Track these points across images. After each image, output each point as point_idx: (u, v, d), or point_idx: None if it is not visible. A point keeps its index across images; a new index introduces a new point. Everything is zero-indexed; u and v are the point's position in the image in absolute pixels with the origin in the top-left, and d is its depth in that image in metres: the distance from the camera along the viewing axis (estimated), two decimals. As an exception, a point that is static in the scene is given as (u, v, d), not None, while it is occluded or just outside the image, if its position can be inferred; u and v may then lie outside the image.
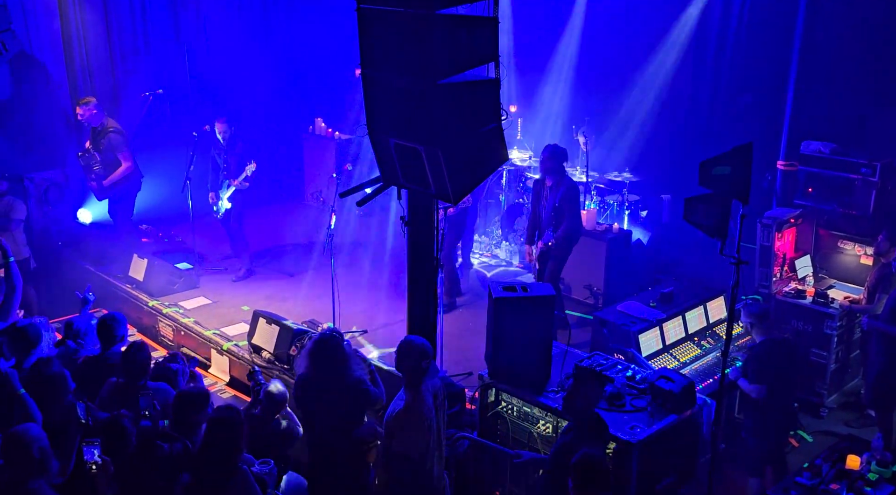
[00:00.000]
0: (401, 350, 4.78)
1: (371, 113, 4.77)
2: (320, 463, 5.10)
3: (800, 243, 7.78)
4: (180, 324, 8.24)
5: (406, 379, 4.77)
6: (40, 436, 4.07)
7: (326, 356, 4.97)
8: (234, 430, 4.20)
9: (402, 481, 4.74)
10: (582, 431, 4.55)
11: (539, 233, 7.80)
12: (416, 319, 5.62)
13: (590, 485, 3.95)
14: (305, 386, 5.05)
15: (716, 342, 6.92)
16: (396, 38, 4.39)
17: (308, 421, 5.18)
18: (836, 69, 8.71)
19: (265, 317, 7.37)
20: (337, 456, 5.05)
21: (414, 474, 4.72)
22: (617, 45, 10.64)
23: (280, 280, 9.46)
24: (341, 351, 5.03)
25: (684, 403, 5.17)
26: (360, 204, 5.74)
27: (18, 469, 3.99)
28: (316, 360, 4.99)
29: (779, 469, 5.95)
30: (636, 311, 6.82)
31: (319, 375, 4.98)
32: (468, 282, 9.27)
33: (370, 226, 10.40)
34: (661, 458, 5.03)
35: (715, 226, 4.83)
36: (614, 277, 8.57)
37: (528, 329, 5.47)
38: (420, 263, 5.50)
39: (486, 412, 5.64)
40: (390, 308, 8.31)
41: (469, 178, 4.65)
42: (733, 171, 4.73)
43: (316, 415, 5.08)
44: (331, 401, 4.98)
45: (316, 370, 4.99)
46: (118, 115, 10.29)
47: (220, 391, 7.58)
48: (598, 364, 5.63)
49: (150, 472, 4.26)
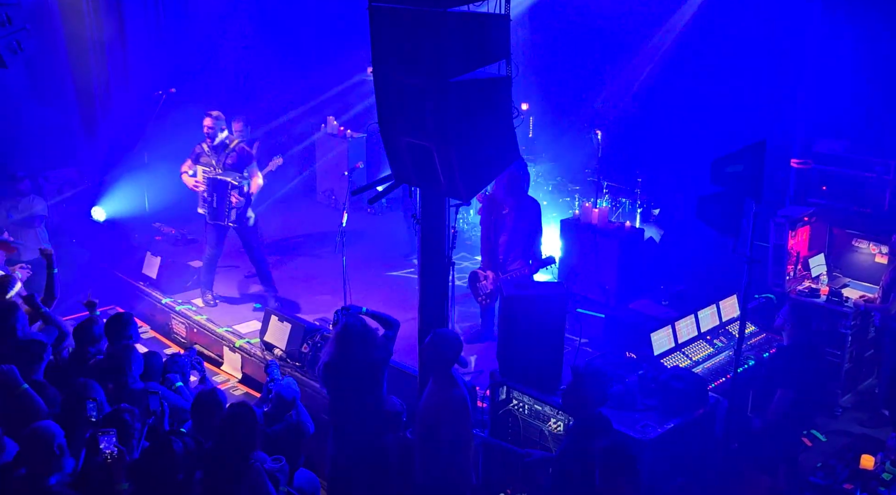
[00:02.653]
0: (435, 341, 4.79)
1: (382, 111, 4.78)
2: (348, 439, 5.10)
3: (813, 242, 7.73)
4: (193, 321, 8.29)
5: (440, 370, 4.79)
6: (59, 433, 4.11)
7: (353, 339, 4.96)
8: (247, 427, 4.23)
9: (446, 471, 4.77)
10: (585, 430, 4.54)
11: (498, 259, 7.38)
12: (427, 317, 5.62)
13: (618, 474, 3.93)
14: (333, 369, 5.01)
15: (728, 341, 6.89)
16: (408, 35, 4.39)
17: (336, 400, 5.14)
18: (850, 66, 8.64)
19: (277, 315, 7.40)
20: (365, 437, 5.05)
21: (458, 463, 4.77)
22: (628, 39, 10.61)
23: (293, 277, 9.49)
24: (368, 332, 5.03)
25: (696, 402, 5.15)
26: (372, 202, 5.75)
27: (39, 465, 4.03)
28: (343, 344, 4.97)
29: (792, 468, 5.92)
30: (648, 310, 6.81)
31: (347, 357, 4.97)
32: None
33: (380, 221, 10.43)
34: (673, 457, 5.02)
35: (727, 224, 4.82)
36: (626, 276, 8.54)
37: (539, 327, 5.47)
38: (432, 261, 5.50)
39: (497, 410, 5.64)
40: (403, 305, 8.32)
41: (481, 176, 4.64)
42: (746, 169, 4.71)
43: (345, 394, 5.05)
44: (359, 381, 4.99)
45: (344, 352, 4.97)
46: (132, 113, 10.38)
47: (233, 388, 7.62)
48: (609, 362, 5.62)
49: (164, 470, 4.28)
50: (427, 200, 5.35)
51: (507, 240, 7.36)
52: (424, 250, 5.50)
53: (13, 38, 6.59)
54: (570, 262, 8.87)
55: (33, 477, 4.03)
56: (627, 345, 6.50)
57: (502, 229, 7.38)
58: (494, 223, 7.43)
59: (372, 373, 4.99)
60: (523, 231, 7.34)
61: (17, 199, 8.62)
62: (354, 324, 5.00)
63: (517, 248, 7.36)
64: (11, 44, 6.59)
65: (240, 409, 4.34)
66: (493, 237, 7.44)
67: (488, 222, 7.49)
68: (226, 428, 4.25)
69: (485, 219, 7.57)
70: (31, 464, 4.06)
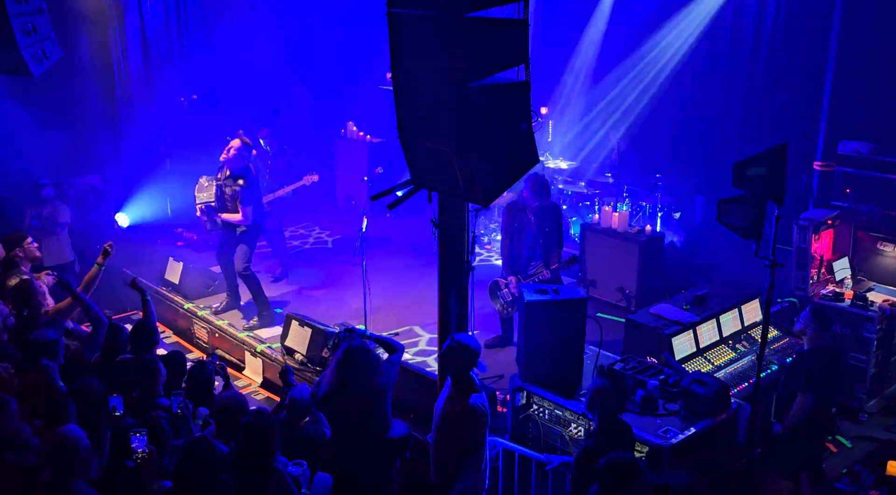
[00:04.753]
0: (453, 346, 4.77)
1: (401, 116, 4.79)
2: (350, 467, 5.06)
3: (837, 245, 7.65)
4: (215, 326, 8.35)
5: (459, 376, 4.78)
6: (83, 436, 4.15)
7: (357, 364, 4.90)
8: (267, 433, 4.24)
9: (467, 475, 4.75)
10: (605, 435, 4.52)
11: (521, 263, 7.43)
12: (447, 322, 5.62)
13: (617, 490, 3.90)
14: (335, 396, 4.93)
15: (751, 345, 6.82)
16: (426, 41, 4.40)
17: (338, 428, 5.05)
18: (874, 67, 8.54)
19: (298, 320, 7.44)
20: (368, 460, 5.02)
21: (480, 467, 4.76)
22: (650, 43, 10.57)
23: (313, 281, 9.54)
24: (370, 357, 4.96)
25: (718, 407, 5.11)
26: (391, 207, 5.76)
27: (64, 469, 4.07)
28: (346, 369, 4.90)
29: (816, 474, 5.85)
30: (669, 314, 6.76)
31: (350, 383, 4.91)
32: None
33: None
34: (695, 463, 4.97)
35: (749, 227, 4.77)
36: (647, 280, 8.49)
37: (559, 332, 5.46)
38: (450, 265, 5.50)
39: (518, 415, 5.63)
40: (422, 309, 8.34)
41: (500, 181, 4.64)
42: (768, 172, 4.67)
43: (348, 422, 4.99)
44: (362, 408, 4.94)
45: (346, 378, 4.91)
46: (154, 120, 10.48)
47: (254, 392, 7.67)
48: (630, 367, 5.59)
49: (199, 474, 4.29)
50: (446, 205, 5.36)
51: (528, 244, 7.37)
52: (443, 255, 5.50)
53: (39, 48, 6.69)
54: (590, 267, 8.84)
55: (59, 480, 4.08)
56: (648, 349, 6.46)
57: (524, 234, 7.39)
58: (516, 228, 7.44)
59: (374, 400, 4.89)
60: (545, 235, 7.35)
61: (41, 206, 8.74)
62: (356, 348, 4.90)
63: (538, 253, 7.38)
64: (37, 53, 6.69)
65: (259, 415, 4.37)
66: (515, 242, 7.45)
67: (509, 227, 7.50)
68: (246, 433, 4.27)
69: (506, 225, 7.57)
70: (57, 468, 4.10)
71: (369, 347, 5.02)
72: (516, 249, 7.46)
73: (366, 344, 5.07)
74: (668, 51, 10.46)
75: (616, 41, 10.87)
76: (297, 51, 11.99)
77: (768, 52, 9.88)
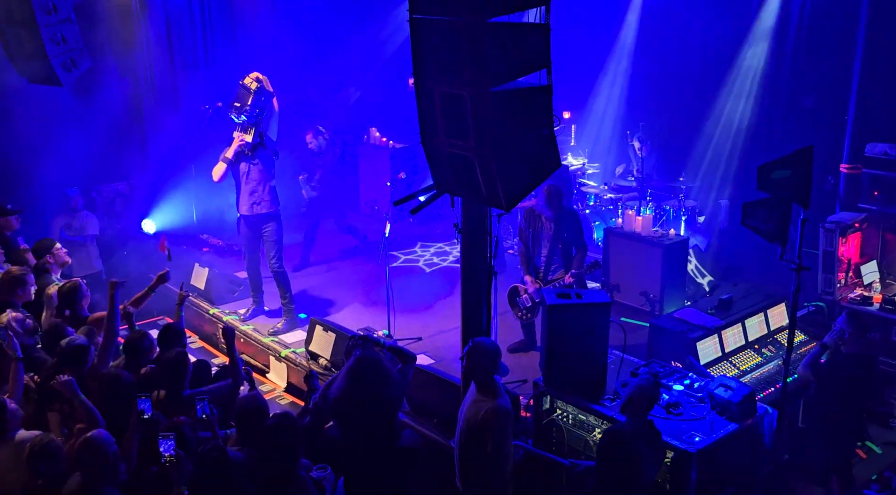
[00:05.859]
0: (476, 351, 4.77)
1: (424, 121, 4.81)
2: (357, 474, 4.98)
3: (865, 248, 7.56)
4: (239, 331, 8.41)
5: (481, 380, 4.78)
6: (112, 441, 4.21)
7: (366, 374, 4.82)
8: (291, 438, 4.26)
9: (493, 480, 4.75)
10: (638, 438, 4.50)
11: (539, 267, 7.45)
12: (470, 326, 5.63)
13: (609, 463, 3.89)
14: (343, 403, 4.85)
15: (777, 350, 6.76)
16: (449, 46, 4.42)
17: (346, 435, 5.01)
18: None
19: (322, 325, 7.48)
20: (375, 469, 4.94)
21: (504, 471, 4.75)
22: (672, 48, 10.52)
23: (337, 286, 9.59)
24: (382, 367, 4.88)
25: (744, 412, 5.07)
26: (414, 212, 5.78)
27: (93, 475, 4.13)
28: (355, 378, 4.83)
29: (845, 481, 5.77)
30: (694, 318, 6.71)
31: (360, 394, 4.82)
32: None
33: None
34: (721, 468, 4.93)
35: (774, 231, 4.74)
36: (671, 284, 8.44)
37: (582, 336, 5.44)
38: (473, 270, 5.51)
39: (541, 420, 5.62)
40: (444, 315, 8.35)
41: (522, 185, 4.64)
42: (793, 175, 4.64)
43: (355, 430, 4.91)
44: (370, 417, 4.85)
45: (355, 387, 4.83)
46: (179, 127, 10.59)
47: (279, 397, 7.71)
48: (654, 372, 5.55)
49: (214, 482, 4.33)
50: (468, 210, 5.37)
51: (546, 250, 7.39)
52: (466, 259, 5.51)
53: (68, 57, 6.82)
54: (613, 271, 8.80)
55: (89, 485, 4.13)
56: (673, 354, 6.42)
57: (540, 239, 7.44)
58: (531, 234, 7.49)
59: (382, 410, 4.83)
60: (564, 242, 7.35)
61: (70, 216, 8.87)
62: (367, 358, 4.85)
63: (558, 258, 7.38)
64: (66, 62, 6.81)
65: (282, 418, 4.39)
66: (530, 247, 7.50)
67: (525, 233, 7.54)
68: (270, 437, 4.29)
69: (522, 230, 7.61)
70: (87, 474, 4.16)
71: (380, 357, 4.94)
72: (532, 254, 7.50)
73: (377, 353, 5.03)
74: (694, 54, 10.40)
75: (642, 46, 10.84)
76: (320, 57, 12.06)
77: (794, 54, 9.80)
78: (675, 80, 10.61)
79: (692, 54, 10.41)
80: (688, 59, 10.45)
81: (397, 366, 5.10)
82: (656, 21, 10.69)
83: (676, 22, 10.46)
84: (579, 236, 7.43)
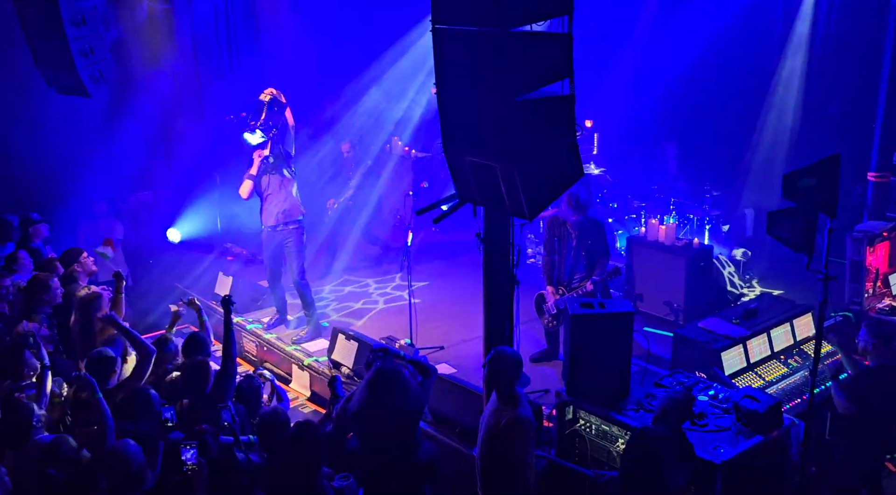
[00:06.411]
0: (497, 360, 4.75)
1: (446, 131, 4.83)
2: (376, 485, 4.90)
3: (894, 257, 7.45)
4: (263, 340, 8.46)
5: (502, 390, 4.76)
6: (138, 451, 4.24)
7: (385, 387, 4.75)
8: (312, 447, 4.27)
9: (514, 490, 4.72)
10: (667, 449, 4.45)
11: (563, 274, 7.43)
12: (492, 336, 5.61)
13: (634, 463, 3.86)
14: (362, 416, 4.79)
15: (803, 361, 6.67)
16: (471, 56, 4.43)
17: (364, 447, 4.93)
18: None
19: (344, 333, 7.50)
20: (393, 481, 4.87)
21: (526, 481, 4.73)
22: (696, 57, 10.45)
23: (360, 295, 9.61)
24: (401, 380, 4.81)
25: (770, 424, 5.00)
26: (436, 221, 5.79)
27: (119, 484, 4.17)
28: (374, 391, 4.77)
29: (874, 494, 5.67)
30: (718, 328, 6.65)
31: (378, 406, 4.76)
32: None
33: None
34: (746, 481, 4.87)
35: (800, 240, 4.68)
36: (695, 293, 8.37)
37: (605, 346, 5.40)
38: (495, 280, 5.50)
39: (564, 430, 5.58)
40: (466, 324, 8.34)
41: (544, 194, 4.64)
42: (820, 183, 4.58)
43: (374, 442, 4.86)
44: (388, 430, 4.80)
45: (374, 400, 4.77)
46: (204, 137, 10.71)
47: (301, 405, 7.74)
48: (678, 382, 5.50)
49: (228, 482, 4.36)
50: (491, 219, 5.37)
51: (569, 258, 7.37)
52: (488, 268, 5.51)
53: (96, 69, 6.92)
54: (637, 281, 8.74)
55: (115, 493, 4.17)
56: (697, 364, 6.36)
57: (564, 247, 7.41)
58: (556, 241, 7.46)
59: (401, 423, 4.76)
60: (587, 249, 7.33)
61: (95, 223, 8.98)
62: (387, 370, 4.79)
63: (581, 266, 7.35)
64: (94, 73, 6.92)
65: (305, 427, 4.40)
66: (553, 255, 7.48)
67: (549, 241, 7.53)
68: (292, 446, 4.30)
69: (546, 238, 7.60)
70: (113, 483, 4.20)
71: (400, 370, 4.90)
72: (555, 262, 7.48)
73: (397, 366, 5.00)
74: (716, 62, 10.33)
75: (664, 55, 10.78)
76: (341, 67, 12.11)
77: (820, 61, 9.71)
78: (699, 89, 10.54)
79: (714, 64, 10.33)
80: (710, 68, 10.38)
81: (417, 378, 5.08)
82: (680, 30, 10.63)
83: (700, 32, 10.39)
84: (602, 243, 7.41)
